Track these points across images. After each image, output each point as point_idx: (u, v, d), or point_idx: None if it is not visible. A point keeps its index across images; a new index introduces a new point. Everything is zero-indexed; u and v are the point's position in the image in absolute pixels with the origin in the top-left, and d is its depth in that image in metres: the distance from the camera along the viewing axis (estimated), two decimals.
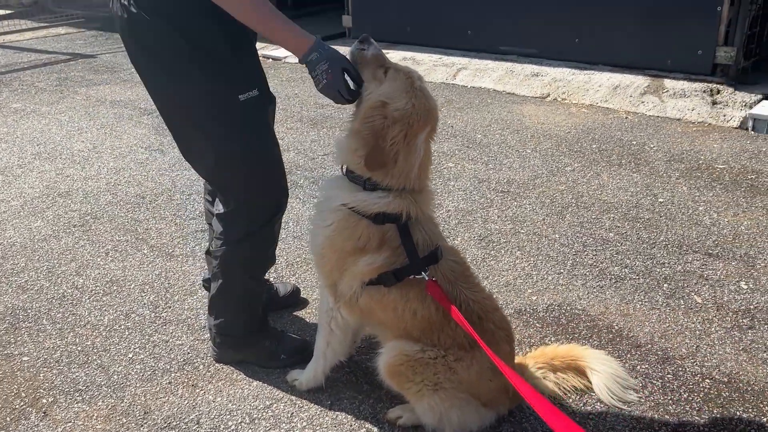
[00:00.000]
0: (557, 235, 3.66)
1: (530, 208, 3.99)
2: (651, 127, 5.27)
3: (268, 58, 7.94)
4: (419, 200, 2.25)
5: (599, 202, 4.02)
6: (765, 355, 2.66)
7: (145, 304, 3.22)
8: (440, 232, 2.34)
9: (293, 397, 2.56)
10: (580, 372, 2.51)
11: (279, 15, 2.12)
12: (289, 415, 2.48)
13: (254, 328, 2.72)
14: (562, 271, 3.32)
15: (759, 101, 5.41)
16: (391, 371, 2.29)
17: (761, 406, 2.40)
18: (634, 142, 4.98)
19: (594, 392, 2.47)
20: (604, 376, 2.47)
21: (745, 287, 3.11)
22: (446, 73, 6.88)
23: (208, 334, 2.82)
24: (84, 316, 3.14)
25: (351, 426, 2.41)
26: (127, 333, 3.00)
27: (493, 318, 2.30)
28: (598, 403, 2.44)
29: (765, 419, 2.33)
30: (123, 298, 3.27)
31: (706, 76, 5.85)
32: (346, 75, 2.13)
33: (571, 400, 2.46)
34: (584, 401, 2.46)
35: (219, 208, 2.52)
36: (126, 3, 2.16)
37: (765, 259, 3.32)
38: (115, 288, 3.37)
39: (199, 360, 2.80)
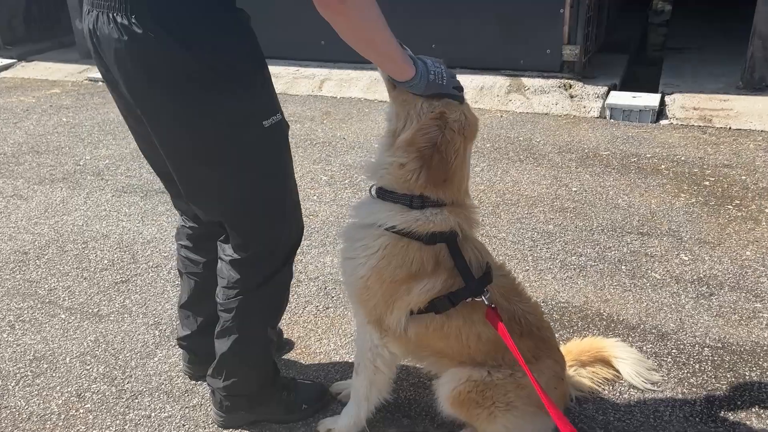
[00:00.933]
0: (504, 234, 3.74)
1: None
2: (528, 123, 5.61)
3: None
4: (467, 215, 2.14)
5: (523, 198, 4.19)
6: (736, 316, 2.94)
7: (96, 378, 2.70)
8: (486, 248, 2.24)
9: None
10: (606, 363, 2.58)
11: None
12: None
13: (269, 381, 2.40)
14: (528, 268, 3.39)
15: (608, 92, 6.03)
16: (459, 400, 2.15)
17: (760, 363, 2.65)
18: (521, 138, 5.26)
19: (623, 379, 2.55)
20: (631, 362, 2.56)
21: (687, 259, 3.43)
22: (310, 85, 6.73)
23: (211, 398, 2.44)
24: (21, 407, 2.55)
25: None
26: (91, 417, 2.49)
27: (545, 325, 2.28)
28: (632, 389, 2.53)
29: None
30: (63, 377, 2.71)
31: (556, 73, 6.38)
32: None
33: (606, 392, 2.51)
34: (618, 390, 2.53)
35: (229, 253, 2.18)
36: (125, 22, 1.77)
37: (687, 231, 3.69)
38: (45, 366, 2.78)
39: (201, 431, 2.41)
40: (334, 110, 6.10)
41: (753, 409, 2.41)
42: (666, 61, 7.13)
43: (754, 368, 2.62)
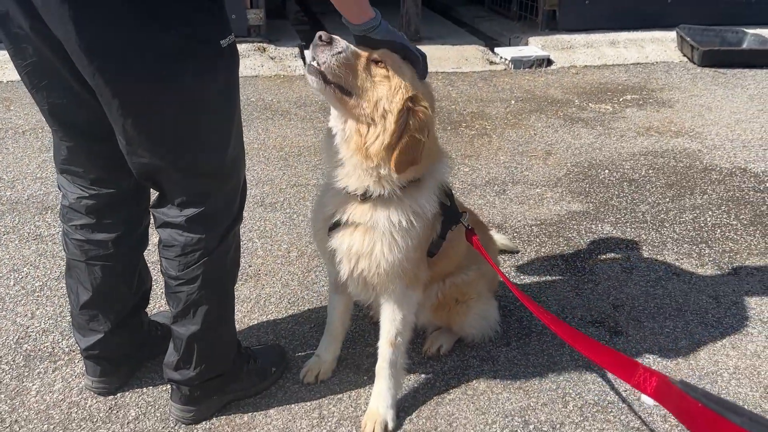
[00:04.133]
0: (315, 181, 3.82)
1: (277, 167, 3.96)
2: (248, 86, 5.59)
3: None
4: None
5: (304, 149, 4.30)
6: (531, 201, 3.66)
7: None
8: None
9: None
10: None
11: None
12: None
13: (238, 351, 2.15)
14: None
15: (300, 52, 6.38)
16: (444, 303, 2.32)
17: (571, 226, 3.39)
18: (254, 99, 5.27)
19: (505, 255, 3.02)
20: (498, 235, 3.05)
21: (467, 170, 4.06)
22: None
23: (172, 396, 2.09)
24: None
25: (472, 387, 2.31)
26: None
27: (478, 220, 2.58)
28: (514, 265, 3.00)
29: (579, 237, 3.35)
30: None
31: (245, 38, 6.45)
32: None
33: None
34: (505, 267, 2.98)
35: (176, 213, 1.87)
36: None
37: (450, 151, 4.32)
38: None
39: None
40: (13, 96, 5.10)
41: (593, 255, 3.12)
42: (326, 23, 7.79)
43: (571, 230, 3.35)
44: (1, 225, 3.26)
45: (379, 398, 2.13)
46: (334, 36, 1.79)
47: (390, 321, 2.12)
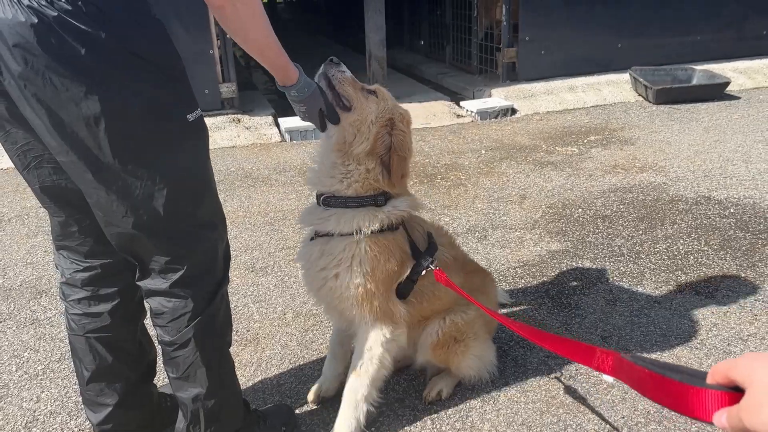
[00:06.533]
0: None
1: (264, 232, 4.06)
2: (227, 157, 5.76)
3: None
4: (414, 198, 2.36)
5: (289, 213, 4.42)
6: (513, 245, 3.81)
7: None
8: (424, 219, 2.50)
9: None
10: None
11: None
12: None
13: (246, 410, 2.22)
14: None
15: (274, 120, 6.58)
16: (443, 341, 2.42)
17: (553, 265, 3.54)
18: (233, 169, 5.41)
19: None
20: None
21: (448, 219, 4.21)
22: None
23: None
24: None
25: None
26: None
27: (478, 267, 2.72)
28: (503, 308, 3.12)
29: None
30: None
31: (219, 110, 6.65)
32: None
33: None
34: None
35: (161, 280, 1.94)
36: (32, 3, 1.55)
37: (431, 203, 4.49)
38: None
39: None
40: None
41: (577, 290, 3.26)
42: None
43: (553, 269, 3.50)
44: None
45: (340, 425, 2.27)
46: (341, 62, 2.23)
47: (357, 350, 2.28)
